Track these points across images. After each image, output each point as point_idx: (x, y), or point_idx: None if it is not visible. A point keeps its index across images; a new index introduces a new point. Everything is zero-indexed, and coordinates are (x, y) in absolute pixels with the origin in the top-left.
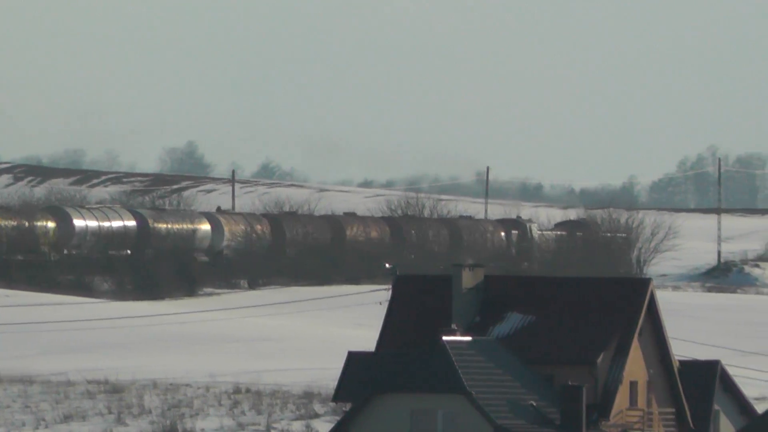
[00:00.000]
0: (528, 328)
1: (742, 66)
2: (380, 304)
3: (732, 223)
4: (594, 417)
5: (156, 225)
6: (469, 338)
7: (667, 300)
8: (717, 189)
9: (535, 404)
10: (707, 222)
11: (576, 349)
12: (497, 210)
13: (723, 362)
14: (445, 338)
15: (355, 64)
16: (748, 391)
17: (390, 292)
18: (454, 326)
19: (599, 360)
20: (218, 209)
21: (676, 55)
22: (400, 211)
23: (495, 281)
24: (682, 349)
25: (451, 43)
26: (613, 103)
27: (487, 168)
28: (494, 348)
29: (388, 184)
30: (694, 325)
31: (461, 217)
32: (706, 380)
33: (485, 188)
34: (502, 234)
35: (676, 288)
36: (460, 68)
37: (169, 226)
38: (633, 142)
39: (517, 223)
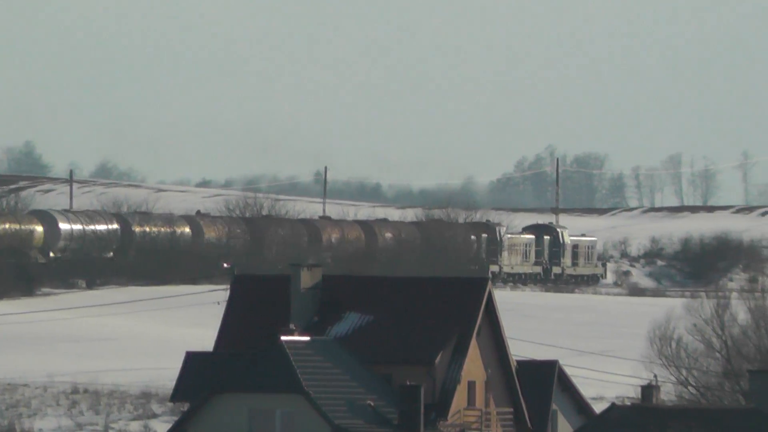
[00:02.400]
0: (366, 328)
1: (578, 66)
2: (218, 303)
3: (570, 222)
4: (432, 417)
5: None
6: (307, 338)
7: (505, 299)
8: (555, 189)
9: (372, 404)
10: (545, 221)
11: (414, 349)
12: (335, 209)
13: (561, 362)
14: (283, 338)
15: (192, 63)
16: (586, 390)
17: (228, 291)
18: (292, 326)
19: (437, 360)
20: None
21: (514, 55)
22: (237, 211)
23: (333, 281)
24: (520, 349)
25: (283, 40)
26: (451, 103)
27: (325, 168)
28: (332, 348)
29: (227, 184)
30: (533, 325)
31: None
32: (544, 380)
33: (323, 188)
34: (473, 237)
35: (514, 287)
36: (297, 66)
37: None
38: (471, 141)
39: (488, 227)
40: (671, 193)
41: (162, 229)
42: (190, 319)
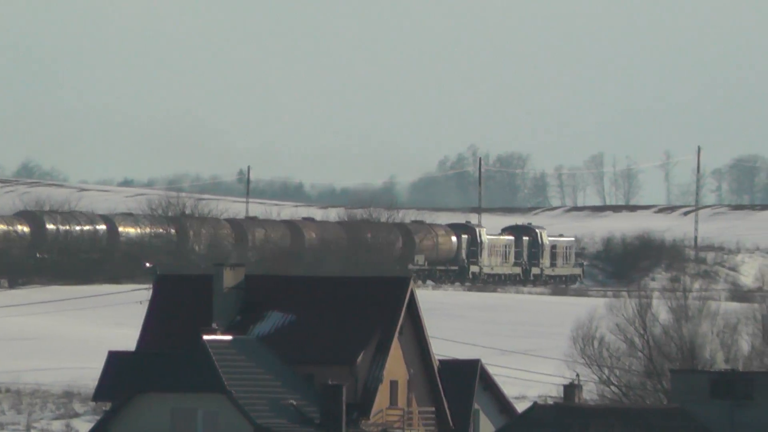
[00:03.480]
0: (288, 327)
1: (500, 65)
2: (141, 303)
3: (493, 222)
4: (354, 416)
5: None
6: (229, 337)
7: (427, 298)
8: (477, 188)
9: (295, 403)
10: (464, 221)
11: (336, 349)
12: (259, 209)
13: (483, 361)
14: (205, 337)
15: (115, 62)
16: (508, 390)
17: (150, 291)
18: (214, 325)
19: (359, 359)
20: None
21: (436, 55)
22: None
23: (256, 280)
24: (442, 348)
25: (203, 40)
26: (374, 102)
27: (248, 167)
28: (255, 347)
29: (149, 184)
30: (455, 324)
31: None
32: (466, 379)
33: (246, 187)
34: (453, 239)
35: (436, 287)
36: (221, 66)
37: None
38: (393, 141)
39: (468, 228)
40: (593, 192)
41: (149, 230)
42: (112, 318)
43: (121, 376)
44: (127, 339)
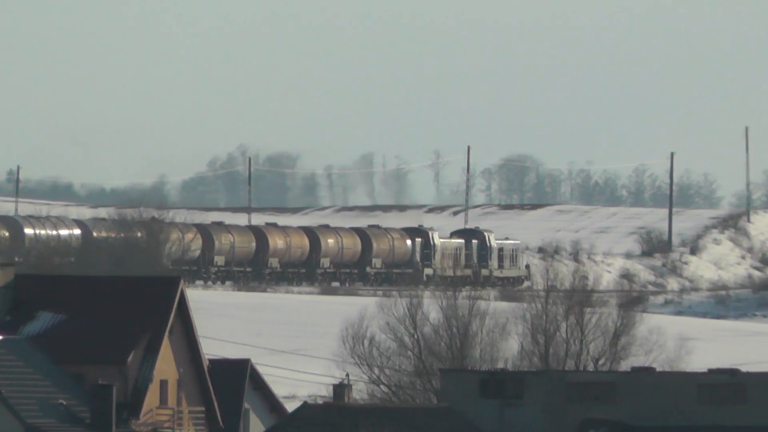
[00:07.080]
0: (59, 327)
1: (267, 63)
2: None
3: (262, 221)
4: (124, 416)
5: None
6: None
7: (197, 298)
8: (247, 188)
9: (65, 403)
10: (239, 220)
11: (106, 348)
12: (28, 208)
13: (253, 361)
14: None
15: None
16: (278, 389)
17: None
18: None
19: (129, 359)
20: None
21: (203, 54)
22: None
23: (26, 280)
24: (212, 348)
25: (21, 38)
26: (142, 101)
27: (18, 166)
28: (24, 347)
29: None
30: (225, 324)
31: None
32: (236, 379)
33: (16, 187)
34: (408, 242)
35: (207, 287)
36: (17, 66)
37: None
38: (163, 141)
39: (421, 232)
40: (364, 192)
41: None
42: None
43: None
44: None
